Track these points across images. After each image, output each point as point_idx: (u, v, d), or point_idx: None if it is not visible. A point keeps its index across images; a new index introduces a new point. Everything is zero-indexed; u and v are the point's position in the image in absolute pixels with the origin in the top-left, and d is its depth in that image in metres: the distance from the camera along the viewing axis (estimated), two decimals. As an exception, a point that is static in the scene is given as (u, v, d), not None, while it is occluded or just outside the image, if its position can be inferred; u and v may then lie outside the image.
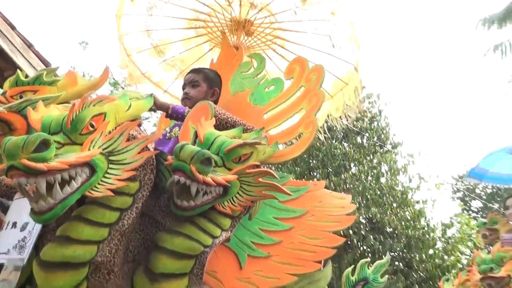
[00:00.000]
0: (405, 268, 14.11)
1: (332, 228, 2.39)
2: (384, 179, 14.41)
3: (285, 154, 2.38)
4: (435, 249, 14.44)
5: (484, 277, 3.81)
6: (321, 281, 2.44)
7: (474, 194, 21.60)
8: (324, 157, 14.48)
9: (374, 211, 13.51)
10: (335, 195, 2.53)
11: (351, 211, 2.48)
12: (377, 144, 14.97)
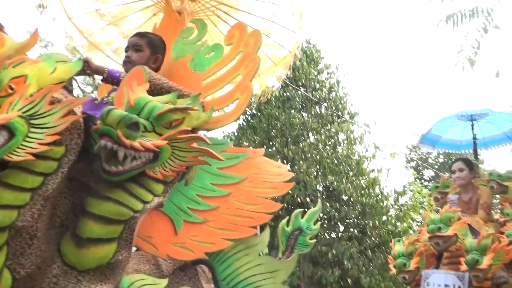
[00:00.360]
0: (359, 234, 14.50)
1: (269, 194, 2.40)
2: (341, 148, 14.64)
3: (220, 120, 2.36)
4: (388, 216, 14.87)
5: (432, 236, 3.90)
6: (258, 246, 2.46)
7: (427, 164, 22.20)
8: (283, 127, 14.56)
9: (330, 179, 13.75)
10: (274, 163, 2.54)
11: (288, 179, 2.49)
12: (335, 114, 15.14)
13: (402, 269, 3.93)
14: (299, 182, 13.62)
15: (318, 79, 15.55)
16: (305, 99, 15.03)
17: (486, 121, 5.63)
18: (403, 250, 4.03)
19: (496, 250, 3.69)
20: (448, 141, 5.98)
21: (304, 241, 3.22)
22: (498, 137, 5.82)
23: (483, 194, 4.61)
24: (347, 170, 14.23)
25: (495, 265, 3.71)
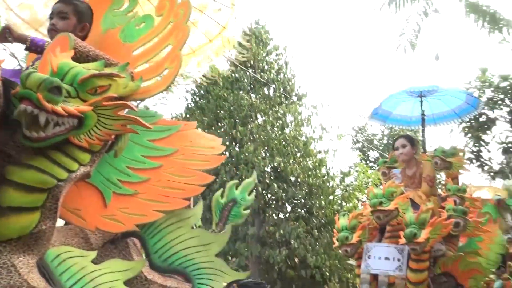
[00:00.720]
0: (306, 214, 14.73)
1: (202, 166, 2.39)
2: (289, 130, 14.76)
3: (150, 90, 2.32)
4: (334, 196, 15.18)
5: (373, 210, 3.95)
6: (191, 219, 2.45)
7: (372, 145, 22.71)
8: (231, 108, 14.53)
9: (278, 160, 13.85)
10: (206, 136, 2.52)
11: (220, 152, 2.48)
12: (283, 95, 15.21)
13: (344, 242, 3.95)
14: (247, 164, 13.68)
15: (267, 60, 15.57)
16: (253, 80, 15.03)
17: (435, 98, 5.73)
18: (347, 224, 4.07)
19: (434, 224, 3.75)
20: (398, 117, 6.04)
21: (238, 212, 3.21)
22: (447, 114, 5.96)
23: (426, 168, 4.71)
24: (294, 151, 14.37)
25: (433, 239, 3.76)
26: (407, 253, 3.80)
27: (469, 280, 4.09)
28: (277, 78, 15.40)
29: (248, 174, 13.39)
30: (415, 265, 3.76)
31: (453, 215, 4.16)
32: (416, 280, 3.75)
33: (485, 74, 12.13)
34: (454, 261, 4.11)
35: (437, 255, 4.16)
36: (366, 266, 3.90)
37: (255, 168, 13.56)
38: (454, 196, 4.44)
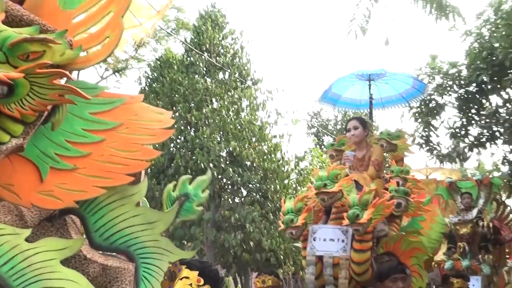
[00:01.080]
0: (261, 199, 14.74)
1: (147, 141, 2.29)
2: (244, 114, 14.67)
3: (90, 59, 2.19)
4: (289, 180, 15.24)
5: (318, 193, 3.88)
6: (136, 196, 2.35)
7: (327, 130, 22.96)
8: (186, 92, 14.31)
9: (233, 145, 13.77)
10: (154, 110, 2.41)
11: (168, 126, 2.38)
12: (238, 80, 15.08)
13: (289, 224, 3.88)
14: (202, 148, 13.55)
15: (222, 44, 15.39)
16: (208, 64, 14.84)
17: (383, 82, 5.71)
18: (292, 207, 3.99)
19: (376, 205, 3.72)
20: (348, 100, 5.99)
21: (190, 207, 3.05)
22: (394, 98, 5.92)
23: (375, 152, 4.69)
24: (249, 136, 14.31)
25: (376, 219, 3.74)
26: (351, 234, 3.76)
27: (411, 258, 4.09)
28: (232, 63, 15.26)
29: (204, 159, 13.32)
30: (358, 246, 3.74)
31: (395, 195, 4.15)
32: (359, 260, 3.74)
33: (435, 60, 12.34)
34: (396, 241, 4.10)
35: (380, 235, 4.17)
36: (312, 248, 3.84)
37: (210, 152, 13.48)
38: (397, 177, 4.44)
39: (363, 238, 3.73)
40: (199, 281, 1.84)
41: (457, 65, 11.62)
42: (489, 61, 10.05)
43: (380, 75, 5.57)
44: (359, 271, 3.76)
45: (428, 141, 12.11)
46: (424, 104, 11.87)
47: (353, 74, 5.59)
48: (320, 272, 3.86)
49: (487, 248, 7.20)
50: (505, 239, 7.38)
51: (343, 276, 3.73)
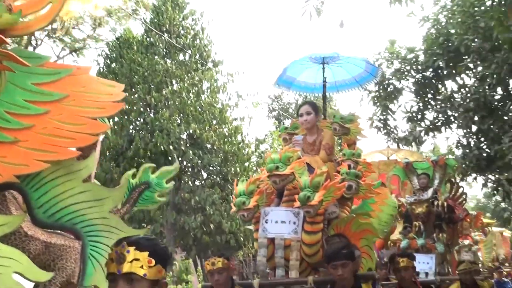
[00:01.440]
0: (222, 181, 14.71)
1: (96, 114, 2.16)
2: (204, 97, 14.55)
3: (30, 25, 2.04)
4: (250, 163, 15.23)
5: (270, 175, 3.88)
6: (83, 172, 2.22)
7: (288, 114, 23.00)
8: (145, 73, 14.04)
9: (194, 127, 13.64)
10: (104, 82, 2.27)
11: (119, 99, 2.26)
12: (198, 61, 14.90)
13: (241, 207, 3.87)
14: (162, 130, 13.37)
15: (183, 25, 15.14)
16: (169, 45, 14.59)
17: (336, 65, 5.68)
18: (244, 189, 3.97)
19: (327, 187, 3.75)
20: (302, 83, 5.93)
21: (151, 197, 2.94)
22: (348, 81, 5.90)
23: (326, 136, 4.69)
24: (210, 118, 14.21)
25: (326, 201, 3.77)
26: (302, 216, 3.77)
27: (361, 240, 4.13)
28: (193, 44, 15.06)
29: (164, 141, 13.14)
30: (309, 228, 3.76)
31: (346, 178, 4.16)
32: (310, 242, 3.76)
33: (393, 45, 12.48)
34: (347, 223, 4.11)
35: (331, 217, 4.17)
36: (263, 230, 3.83)
37: (170, 134, 13.31)
38: (349, 160, 4.45)
39: (314, 220, 3.75)
40: (150, 262, 1.76)
41: (414, 51, 11.78)
42: (445, 47, 10.22)
43: (334, 59, 5.55)
44: (310, 252, 3.79)
45: (386, 124, 12.29)
46: (383, 89, 12.00)
47: (307, 57, 5.54)
48: (271, 254, 3.86)
49: (441, 227, 7.29)
50: (459, 217, 7.53)
51: (294, 257, 3.75)
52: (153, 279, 1.78)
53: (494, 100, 9.75)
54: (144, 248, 1.77)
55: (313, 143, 4.70)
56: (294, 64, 5.66)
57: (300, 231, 3.77)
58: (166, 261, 1.87)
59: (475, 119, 9.85)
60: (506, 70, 8.73)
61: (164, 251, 1.87)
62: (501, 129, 9.22)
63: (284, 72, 5.71)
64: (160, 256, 1.81)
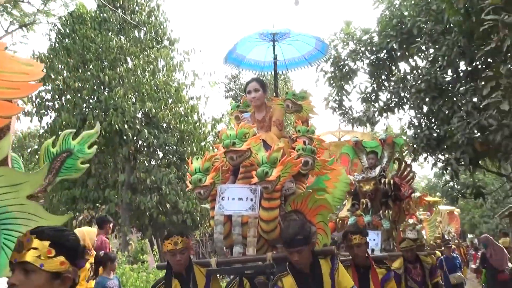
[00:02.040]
0: (178, 161, 14.55)
1: (8, 95, 2.00)
2: (160, 75, 14.26)
3: None
4: (206, 142, 15.09)
5: (226, 151, 3.78)
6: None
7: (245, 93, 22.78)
8: (99, 50, 13.59)
9: (149, 106, 13.37)
10: (20, 60, 2.11)
11: (36, 79, 2.09)
12: (154, 39, 14.56)
13: (197, 184, 3.76)
14: (117, 109, 13.04)
15: (137, 1, 14.70)
16: (123, 21, 14.15)
17: (287, 43, 5.58)
18: (200, 166, 3.87)
19: (285, 163, 3.71)
20: (252, 61, 5.75)
21: (73, 164, 2.76)
22: (298, 60, 5.77)
23: (275, 112, 4.63)
24: (166, 97, 13.96)
25: (284, 177, 3.73)
26: (259, 193, 3.72)
27: (317, 216, 4.14)
28: (148, 21, 14.66)
29: (118, 120, 12.82)
30: (267, 204, 3.71)
31: (302, 154, 4.09)
32: (267, 218, 3.72)
33: (349, 27, 12.49)
34: (303, 199, 4.10)
35: (288, 194, 4.15)
36: (220, 208, 3.76)
37: (125, 113, 13.00)
38: (304, 137, 4.41)
39: (271, 196, 3.70)
40: (49, 252, 1.62)
41: (369, 32, 11.82)
42: (399, 29, 10.27)
43: (285, 36, 5.44)
44: (267, 229, 3.75)
45: (341, 105, 12.35)
46: (338, 69, 12.02)
47: (256, 33, 5.41)
48: (228, 232, 3.82)
49: (387, 204, 7.38)
50: (404, 195, 7.56)
51: (252, 234, 3.71)
52: (52, 271, 1.64)
53: (445, 82, 9.89)
54: (46, 237, 1.64)
55: (263, 120, 4.63)
56: (243, 41, 5.51)
57: (258, 208, 3.72)
58: (74, 253, 1.72)
59: (426, 100, 9.98)
60: (456, 53, 8.84)
61: (72, 243, 1.73)
62: (451, 110, 9.37)
63: (234, 49, 5.55)
64: (66, 247, 1.67)
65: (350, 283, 3.62)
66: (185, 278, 3.68)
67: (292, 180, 4.20)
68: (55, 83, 13.67)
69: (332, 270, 3.53)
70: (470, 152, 8.27)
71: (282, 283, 3.45)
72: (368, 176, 7.38)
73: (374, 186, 7.26)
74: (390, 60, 11.23)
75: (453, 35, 8.80)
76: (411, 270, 6.17)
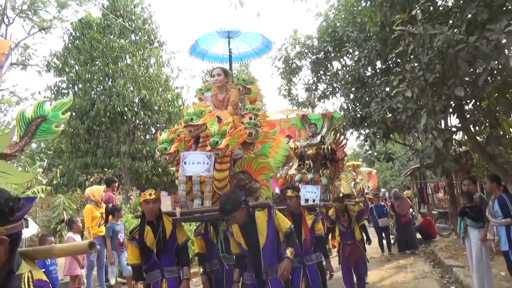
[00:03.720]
0: (167, 136, 14.38)
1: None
2: (152, 69, 13.95)
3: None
4: (188, 121, 14.98)
5: (186, 125, 3.75)
6: None
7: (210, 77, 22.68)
8: (104, 49, 13.18)
9: (144, 93, 13.14)
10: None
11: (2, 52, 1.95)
12: (147, 41, 14.20)
13: (163, 152, 3.69)
14: (119, 95, 12.76)
15: (134, 11, 14.26)
16: (123, 27, 13.72)
17: (239, 39, 5.48)
18: (166, 138, 3.78)
19: (232, 134, 3.66)
20: (213, 54, 5.65)
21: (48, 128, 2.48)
22: (249, 53, 5.70)
23: (232, 94, 4.54)
24: (157, 86, 13.71)
25: (232, 145, 3.68)
26: (213, 158, 3.68)
27: (261, 175, 4.10)
28: (143, 27, 14.25)
29: (120, 104, 12.57)
30: (219, 166, 3.68)
31: (248, 127, 4.11)
32: (219, 178, 3.69)
33: (296, 34, 12.53)
34: (249, 162, 4.08)
35: (237, 158, 4.13)
36: (183, 170, 3.68)
37: (125, 99, 12.75)
38: (250, 113, 4.38)
39: (222, 160, 3.67)
40: None
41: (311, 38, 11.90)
42: (333, 36, 10.42)
43: (237, 33, 5.37)
44: (219, 186, 3.73)
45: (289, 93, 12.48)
46: (288, 66, 12.11)
47: (214, 31, 5.30)
48: (190, 189, 3.77)
49: (326, 165, 7.53)
50: (339, 158, 7.80)
51: (208, 190, 3.68)
52: None
53: (366, 76, 10.15)
54: None
55: (223, 100, 4.55)
56: (205, 38, 5.36)
57: (212, 170, 3.67)
58: (2, 215, 1.35)
59: (352, 90, 10.23)
60: (374, 54, 9.07)
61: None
62: (370, 97, 9.65)
63: (197, 44, 5.40)
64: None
65: (287, 224, 3.53)
66: (155, 225, 3.59)
67: (240, 147, 4.18)
68: (69, 75, 13.23)
69: (270, 218, 3.45)
70: (383, 128, 8.58)
71: (231, 228, 3.47)
72: (311, 143, 7.51)
73: (316, 150, 7.42)
74: (326, 59, 11.40)
75: (372, 41, 9.01)
76: (341, 217, 6.19)
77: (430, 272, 7.95)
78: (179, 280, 3.58)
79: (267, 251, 3.36)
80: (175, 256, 3.65)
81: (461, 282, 6.48)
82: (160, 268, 3.56)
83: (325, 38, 10.81)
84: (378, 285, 7.09)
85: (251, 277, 3.43)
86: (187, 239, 3.76)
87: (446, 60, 4.73)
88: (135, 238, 3.59)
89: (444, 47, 4.56)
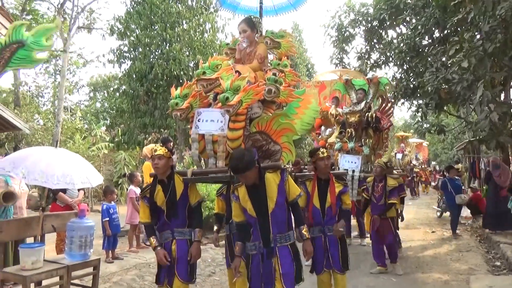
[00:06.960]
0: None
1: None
2: (207, 35, 14.07)
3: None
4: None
5: (198, 79, 3.41)
6: None
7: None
8: (162, 14, 13.45)
9: (199, 58, 13.32)
10: None
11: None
12: (203, 7, 14.26)
13: (174, 107, 3.39)
14: (175, 59, 13.08)
15: (191, -22, 14.30)
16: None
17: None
18: (179, 93, 3.47)
19: (247, 90, 3.25)
20: (247, 7, 5.21)
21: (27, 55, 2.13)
22: (284, 5, 5.22)
23: (259, 48, 4.04)
24: (211, 51, 13.82)
25: (246, 102, 3.27)
26: (228, 116, 3.32)
27: (282, 137, 3.61)
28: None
29: (176, 67, 12.91)
30: (232, 125, 3.32)
31: (267, 83, 3.54)
32: (232, 137, 3.33)
33: (350, 1, 12.11)
34: (267, 122, 3.56)
35: (254, 117, 3.61)
36: (196, 127, 3.40)
37: (181, 63, 13.05)
38: (274, 69, 3.84)
39: (236, 119, 3.30)
40: None
41: (366, 5, 11.43)
42: (389, 3, 9.94)
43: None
44: (233, 146, 3.36)
45: (341, 61, 12.19)
46: (340, 34, 11.78)
47: None
48: (203, 148, 3.45)
49: (368, 134, 7.00)
50: (384, 127, 7.17)
51: (221, 150, 3.37)
52: None
53: (422, 45, 9.67)
54: None
55: (250, 53, 4.10)
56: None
57: (226, 129, 3.34)
58: None
59: (407, 59, 9.81)
60: (432, 22, 8.59)
61: None
62: (424, 67, 9.23)
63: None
64: None
65: (297, 190, 3.20)
66: (166, 184, 3.41)
67: (260, 106, 3.69)
68: (130, 39, 13.71)
69: (282, 181, 3.11)
70: (436, 99, 8.23)
71: (237, 191, 3.13)
72: (354, 110, 7.01)
73: (359, 118, 6.91)
74: (381, 27, 10.94)
75: (431, 8, 8.50)
76: (375, 187, 5.76)
77: (475, 246, 7.74)
78: (190, 243, 3.40)
79: (276, 216, 3.05)
80: (187, 217, 3.46)
81: (508, 258, 6.27)
82: (171, 229, 3.42)
83: (381, 5, 10.34)
84: (420, 255, 7.04)
85: (257, 246, 3.08)
86: (200, 200, 3.53)
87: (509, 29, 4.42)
88: (146, 196, 3.45)
89: (508, 15, 4.25)
